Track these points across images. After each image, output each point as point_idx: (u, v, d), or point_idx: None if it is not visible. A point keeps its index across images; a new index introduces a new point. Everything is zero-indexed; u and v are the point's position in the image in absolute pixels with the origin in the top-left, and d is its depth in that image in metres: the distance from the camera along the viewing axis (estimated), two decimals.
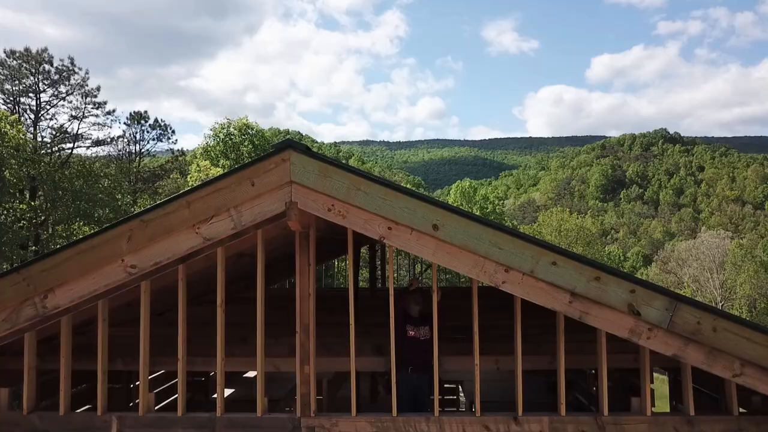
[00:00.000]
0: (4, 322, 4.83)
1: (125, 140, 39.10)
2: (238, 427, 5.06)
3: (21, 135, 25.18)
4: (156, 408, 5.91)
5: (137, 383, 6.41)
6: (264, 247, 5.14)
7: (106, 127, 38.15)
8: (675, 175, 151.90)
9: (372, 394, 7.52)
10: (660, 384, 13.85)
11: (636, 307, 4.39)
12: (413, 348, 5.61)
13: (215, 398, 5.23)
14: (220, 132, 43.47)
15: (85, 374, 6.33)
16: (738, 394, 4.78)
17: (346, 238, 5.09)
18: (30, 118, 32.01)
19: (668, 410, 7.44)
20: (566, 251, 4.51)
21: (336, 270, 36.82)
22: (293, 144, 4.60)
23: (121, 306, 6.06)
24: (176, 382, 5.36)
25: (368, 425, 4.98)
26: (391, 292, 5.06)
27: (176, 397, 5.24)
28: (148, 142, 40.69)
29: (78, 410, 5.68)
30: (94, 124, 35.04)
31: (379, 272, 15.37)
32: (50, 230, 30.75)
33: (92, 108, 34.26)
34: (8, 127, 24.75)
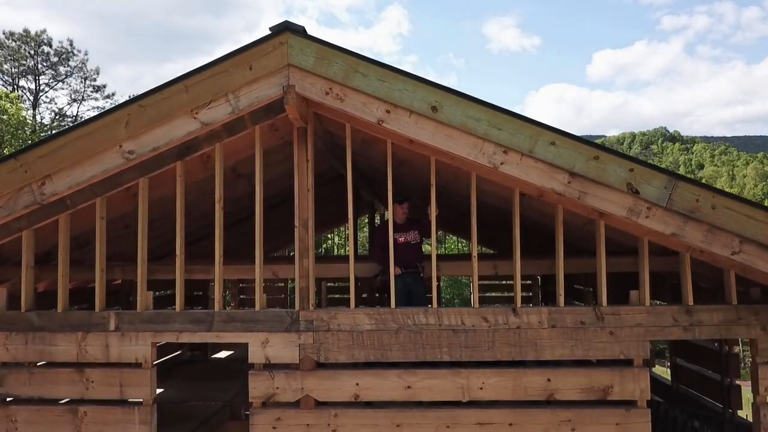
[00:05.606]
0: (1, 209, 4.80)
1: None
2: (237, 321, 5.05)
3: (21, 113, 25.13)
4: None
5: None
6: (261, 147, 5.11)
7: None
8: None
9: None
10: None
11: (635, 186, 4.38)
12: (403, 251, 5.70)
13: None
14: None
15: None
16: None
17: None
18: (29, 100, 32.03)
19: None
20: (565, 132, 4.49)
21: (334, 253, 36.81)
22: (291, 26, 4.57)
23: (117, 220, 6.02)
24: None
25: (366, 317, 4.96)
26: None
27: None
28: None
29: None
30: (93, 108, 35.08)
31: None
32: None
33: (92, 91, 34.31)
34: (8, 105, 24.71)
